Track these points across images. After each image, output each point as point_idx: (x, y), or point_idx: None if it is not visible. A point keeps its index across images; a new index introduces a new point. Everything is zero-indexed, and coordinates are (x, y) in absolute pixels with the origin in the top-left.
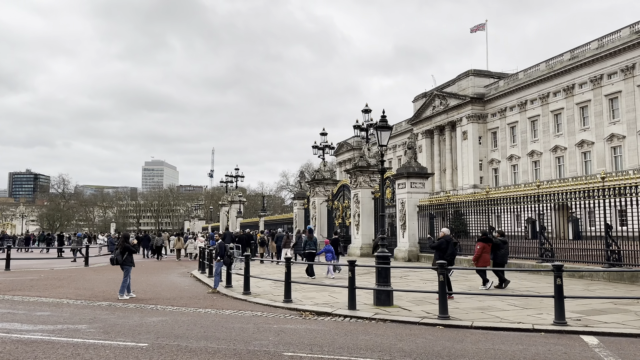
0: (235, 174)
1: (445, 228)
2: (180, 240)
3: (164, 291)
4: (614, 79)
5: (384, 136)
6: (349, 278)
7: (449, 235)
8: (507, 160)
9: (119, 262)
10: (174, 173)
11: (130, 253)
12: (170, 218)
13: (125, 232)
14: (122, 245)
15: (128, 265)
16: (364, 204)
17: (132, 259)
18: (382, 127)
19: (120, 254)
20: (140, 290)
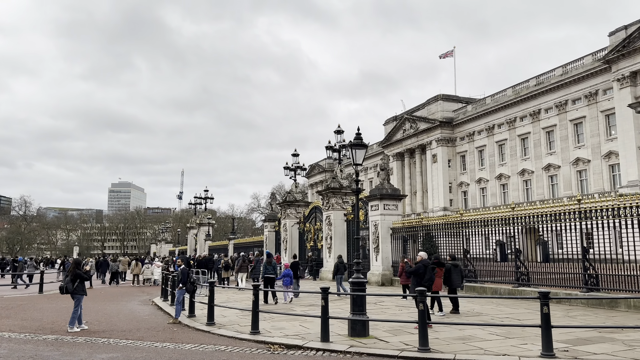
0: (205, 196)
1: (423, 252)
2: (137, 265)
3: (120, 322)
4: (579, 105)
5: (359, 154)
6: (322, 307)
7: (426, 259)
8: (476, 183)
9: (69, 290)
10: (142, 195)
11: (82, 281)
12: (137, 241)
13: (77, 258)
14: (72, 272)
15: (79, 294)
16: (336, 226)
17: (84, 287)
18: (357, 145)
19: (71, 282)
20: (94, 320)
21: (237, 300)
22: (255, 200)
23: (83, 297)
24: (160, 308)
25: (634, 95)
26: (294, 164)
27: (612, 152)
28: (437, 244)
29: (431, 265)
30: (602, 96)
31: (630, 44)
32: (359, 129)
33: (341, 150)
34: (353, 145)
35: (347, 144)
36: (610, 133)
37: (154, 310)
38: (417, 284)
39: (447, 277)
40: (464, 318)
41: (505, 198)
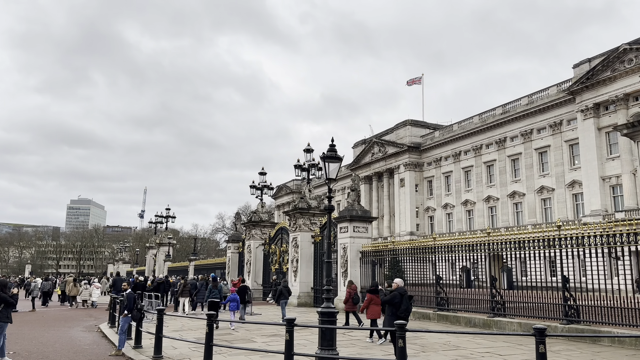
0: (166, 214)
1: (399, 279)
2: (75, 286)
3: (54, 353)
4: (543, 134)
5: (333, 168)
6: (286, 341)
7: (402, 287)
8: (443, 208)
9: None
10: (102, 213)
11: (7, 306)
12: (94, 260)
13: (2, 279)
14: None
15: (2, 320)
16: (303, 248)
17: (8, 314)
18: (331, 157)
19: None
20: (23, 351)
21: (191, 328)
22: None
23: (7, 324)
24: (106, 336)
25: (596, 126)
26: (260, 183)
27: (575, 182)
28: (404, 268)
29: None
30: (567, 126)
31: (594, 76)
32: (333, 140)
33: (310, 170)
34: (326, 158)
35: (320, 156)
36: (574, 162)
37: (97, 339)
38: (392, 314)
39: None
40: (442, 353)
41: (470, 224)
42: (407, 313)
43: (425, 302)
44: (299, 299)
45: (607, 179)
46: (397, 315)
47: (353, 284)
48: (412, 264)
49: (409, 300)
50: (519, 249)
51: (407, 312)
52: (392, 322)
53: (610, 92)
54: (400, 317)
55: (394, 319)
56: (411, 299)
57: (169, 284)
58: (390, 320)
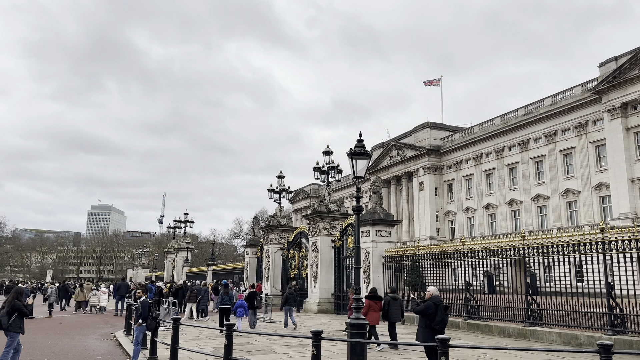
0: (185, 219)
1: (433, 287)
2: (82, 292)
3: None
4: (568, 135)
5: (361, 165)
6: (313, 356)
7: (437, 296)
8: (464, 212)
9: (2, 325)
10: (122, 218)
11: (20, 315)
12: (114, 266)
13: (19, 287)
14: (10, 303)
15: (14, 331)
16: (323, 253)
17: (21, 324)
18: (359, 154)
19: (7, 315)
20: (36, 359)
21: (209, 337)
22: (238, 225)
23: (18, 335)
24: (121, 345)
25: (624, 126)
26: (278, 187)
27: (602, 184)
28: (429, 274)
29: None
30: (592, 127)
31: (621, 75)
32: (361, 136)
33: (329, 172)
34: (354, 154)
35: (347, 152)
36: (600, 164)
37: (112, 348)
38: (426, 326)
39: (385, 310)
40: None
41: (493, 228)
42: (443, 325)
43: (454, 310)
44: (319, 306)
45: (637, 181)
46: (432, 327)
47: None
48: (440, 269)
49: (445, 310)
50: (557, 253)
51: (443, 323)
52: (426, 334)
53: (639, 91)
54: (436, 329)
55: (428, 332)
56: (447, 310)
57: (187, 289)
58: (424, 333)
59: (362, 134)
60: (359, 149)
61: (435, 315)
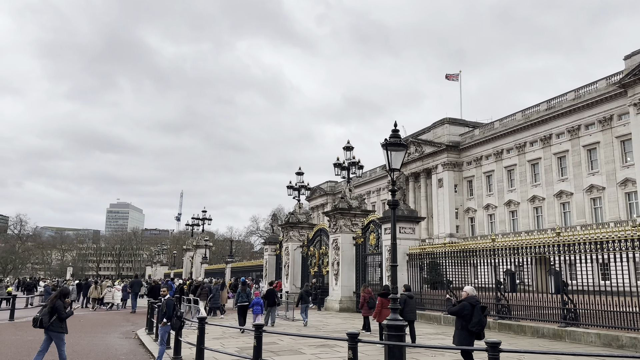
0: (203, 217)
1: (469, 286)
2: (97, 289)
3: None
4: (592, 130)
5: (396, 157)
6: (349, 358)
7: (473, 296)
8: (484, 209)
9: (43, 324)
10: (140, 216)
11: (60, 318)
12: (132, 263)
13: (65, 287)
14: (52, 303)
15: (56, 330)
16: (344, 250)
17: (63, 324)
18: (395, 144)
19: (48, 314)
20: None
21: (232, 335)
22: (255, 223)
23: (63, 334)
24: (143, 343)
25: None
26: (297, 183)
27: (628, 180)
28: (442, 271)
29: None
30: (617, 121)
31: None
32: (396, 125)
33: (350, 168)
34: (389, 145)
35: (382, 143)
36: (626, 160)
37: (134, 347)
38: (462, 328)
39: (401, 309)
40: None
41: (514, 225)
42: (480, 327)
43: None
44: (341, 304)
45: None
46: (468, 329)
47: (368, 287)
48: (465, 267)
49: (482, 311)
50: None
51: (480, 325)
52: (462, 337)
53: None
54: (474, 331)
55: (465, 334)
56: (484, 310)
57: (202, 288)
58: (460, 335)
59: (397, 123)
60: (395, 140)
61: (472, 316)
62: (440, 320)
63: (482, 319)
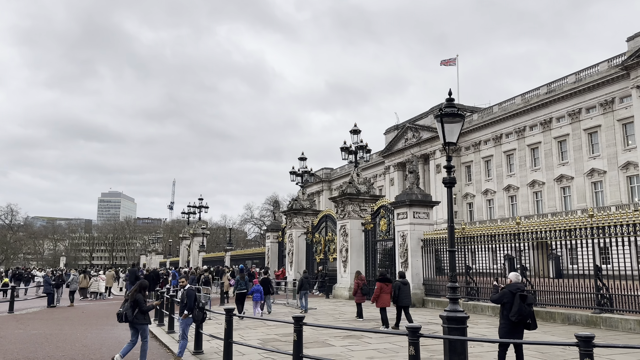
0: (199, 204)
1: (513, 273)
2: (85, 279)
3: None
4: (593, 113)
5: (452, 129)
6: (411, 357)
7: (515, 284)
8: (482, 194)
9: (128, 318)
10: (132, 205)
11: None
12: (126, 252)
13: (144, 281)
14: (133, 297)
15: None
16: (353, 237)
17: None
18: (450, 115)
19: (131, 309)
20: (68, 355)
21: (249, 326)
22: (249, 211)
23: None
24: (155, 337)
25: None
26: (300, 169)
27: (630, 163)
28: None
29: (376, 280)
30: (619, 104)
31: None
32: (451, 94)
33: (357, 152)
34: (445, 116)
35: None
36: (628, 143)
37: None
38: (504, 318)
39: (395, 295)
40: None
41: (513, 210)
42: (521, 316)
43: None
44: (350, 291)
45: None
46: (510, 318)
47: (361, 274)
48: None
49: (523, 300)
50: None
51: (520, 314)
52: (504, 326)
53: None
54: (515, 320)
55: (506, 324)
56: (526, 299)
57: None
58: (502, 325)
59: (451, 92)
60: (451, 110)
61: (512, 304)
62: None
63: (523, 308)
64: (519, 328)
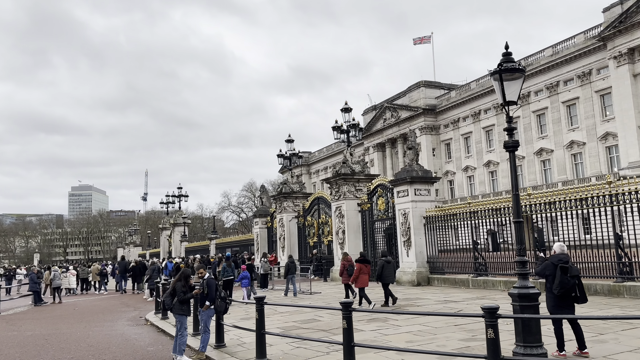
0: (179, 194)
1: (558, 243)
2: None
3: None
4: (571, 86)
5: (512, 87)
6: (490, 341)
7: (559, 254)
8: (463, 171)
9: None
10: (104, 198)
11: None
12: (101, 246)
13: (186, 270)
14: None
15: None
16: (349, 218)
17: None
18: (510, 70)
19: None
20: (78, 357)
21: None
22: (226, 198)
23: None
24: (163, 331)
25: (632, 73)
26: (288, 152)
27: (609, 134)
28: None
29: (356, 261)
30: (597, 75)
31: (628, 19)
32: (508, 47)
33: (349, 131)
34: (503, 72)
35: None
36: (606, 114)
37: (155, 335)
38: (548, 290)
39: (379, 273)
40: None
41: (494, 186)
42: (563, 289)
43: (508, 269)
44: None
45: None
46: (552, 291)
47: (348, 255)
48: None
49: (564, 272)
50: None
51: (562, 287)
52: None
53: None
54: (554, 294)
55: (551, 297)
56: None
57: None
58: (548, 298)
59: (508, 45)
60: (511, 65)
61: (554, 276)
62: (468, 284)
63: (565, 280)
64: (566, 302)
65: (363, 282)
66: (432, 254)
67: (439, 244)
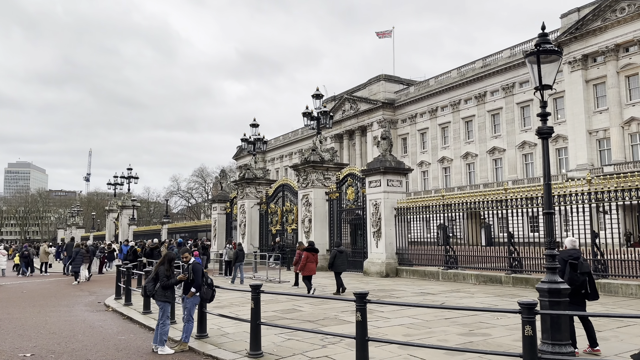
0: (129, 175)
1: (569, 238)
2: None
3: (90, 352)
4: (526, 87)
5: (549, 70)
6: (527, 338)
7: (569, 250)
8: (418, 166)
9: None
10: (43, 177)
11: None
12: (40, 226)
13: (170, 253)
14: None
15: (163, 300)
16: (317, 206)
17: (166, 293)
18: (547, 52)
19: (152, 282)
20: (45, 350)
21: (243, 303)
22: (175, 183)
23: (167, 305)
24: (129, 317)
25: (584, 79)
26: (252, 136)
27: (559, 136)
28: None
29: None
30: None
31: (584, 26)
32: (544, 28)
33: (320, 118)
34: (541, 53)
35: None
36: (557, 117)
37: (121, 322)
38: None
39: (331, 262)
40: None
41: (447, 182)
42: (572, 286)
43: (499, 263)
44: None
45: (594, 133)
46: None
47: (302, 244)
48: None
49: (574, 268)
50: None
51: (572, 284)
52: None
53: (600, 42)
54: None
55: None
56: (576, 268)
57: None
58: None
59: (544, 25)
60: (549, 46)
61: (563, 271)
62: (438, 276)
63: (574, 277)
64: (577, 298)
65: (311, 271)
66: (401, 246)
67: (409, 235)
